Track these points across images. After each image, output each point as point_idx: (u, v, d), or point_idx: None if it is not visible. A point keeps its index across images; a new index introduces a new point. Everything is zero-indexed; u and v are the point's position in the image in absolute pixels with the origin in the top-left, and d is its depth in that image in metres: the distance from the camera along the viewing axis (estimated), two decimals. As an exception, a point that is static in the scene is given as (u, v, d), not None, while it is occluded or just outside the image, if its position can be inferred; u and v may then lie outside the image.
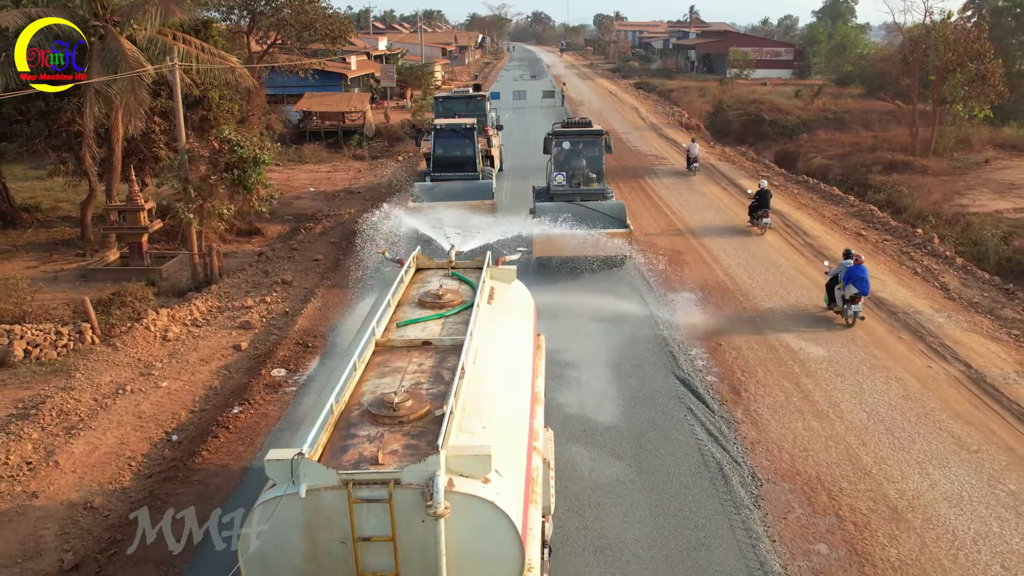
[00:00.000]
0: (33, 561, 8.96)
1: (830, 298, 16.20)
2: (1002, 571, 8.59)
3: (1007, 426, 11.76)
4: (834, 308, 16.09)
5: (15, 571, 8.75)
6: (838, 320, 15.90)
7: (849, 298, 15.51)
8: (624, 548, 8.75)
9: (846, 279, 15.53)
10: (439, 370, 7.19)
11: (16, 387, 13.15)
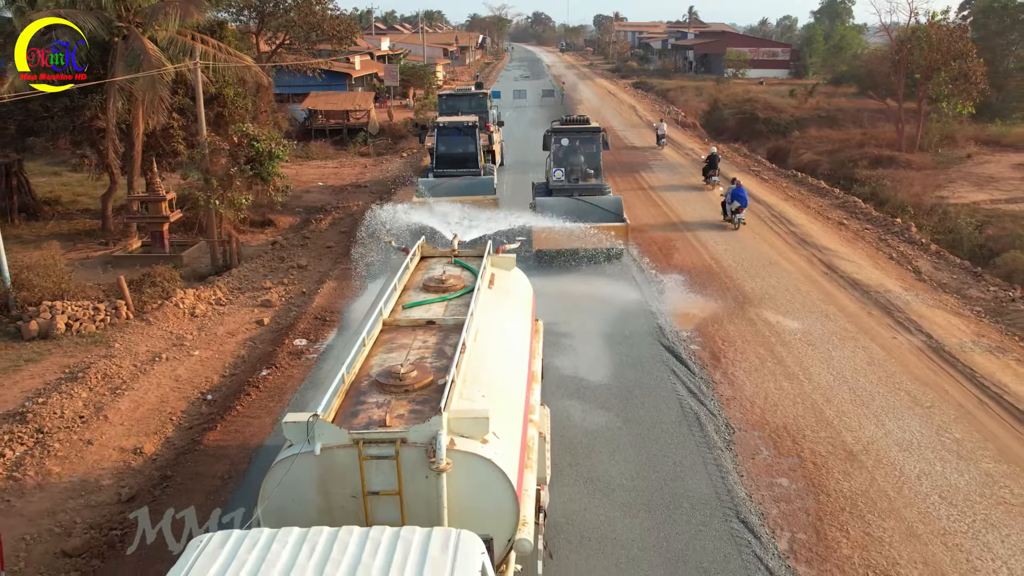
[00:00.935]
0: (95, 494, 10.25)
1: (724, 213, 23.16)
2: (939, 500, 9.88)
3: (959, 386, 13.05)
4: (726, 219, 22.98)
5: (80, 501, 10.04)
6: (729, 227, 22.72)
7: (734, 210, 22.81)
8: (610, 479, 10.06)
9: (731, 197, 22.85)
10: (442, 346, 7.75)
11: (61, 355, 14.44)
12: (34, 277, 16.50)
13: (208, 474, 10.53)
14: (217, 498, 9.91)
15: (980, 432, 11.57)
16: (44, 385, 13.12)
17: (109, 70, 22.41)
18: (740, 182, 23.65)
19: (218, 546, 5.05)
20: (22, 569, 8.74)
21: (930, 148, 35.30)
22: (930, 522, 9.43)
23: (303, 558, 4.89)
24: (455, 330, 7.96)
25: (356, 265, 20.03)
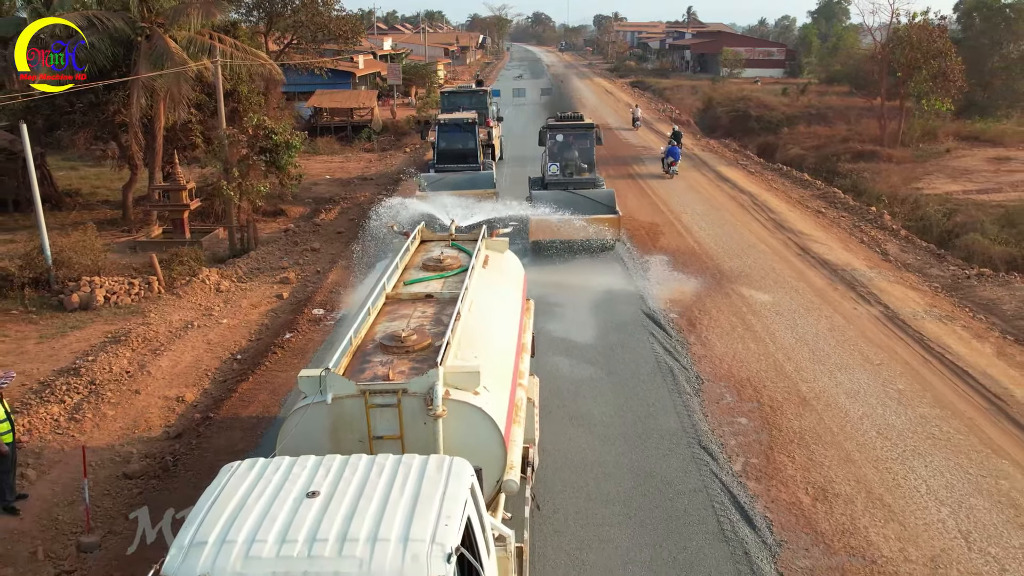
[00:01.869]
0: (145, 432, 11.84)
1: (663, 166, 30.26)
2: (876, 435, 11.45)
3: (907, 348, 14.63)
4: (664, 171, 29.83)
5: (134, 437, 11.63)
6: (666, 178, 29.34)
7: (669, 163, 30.21)
8: (592, 417, 11.66)
9: (667, 153, 30.49)
10: (439, 316, 8.51)
11: (102, 323, 16.02)
12: (73, 255, 18.07)
13: (243, 415, 12.14)
14: (253, 433, 11.51)
15: (921, 384, 13.14)
16: (90, 347, 14.70)
17: (132, 68, 23.96)
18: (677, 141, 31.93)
19: (247, 469, 5.76)
20: (92, 486, 10.30)
21: (911, 143, 36.84)
22: (866, 451, 11.01)
23: (320, 476, 5.60)
24: (451, 303, 8.66)
25: (365, 247, 21.60)
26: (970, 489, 10.13)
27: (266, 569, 4.95)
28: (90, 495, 9.84)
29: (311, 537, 5.08)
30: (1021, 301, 16.86)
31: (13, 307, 16.95)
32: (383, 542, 5.03)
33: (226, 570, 4.96)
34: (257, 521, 5.23)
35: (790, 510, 9.61)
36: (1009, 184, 28.32)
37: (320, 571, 4.91)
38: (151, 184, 26.00)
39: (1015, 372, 13.56)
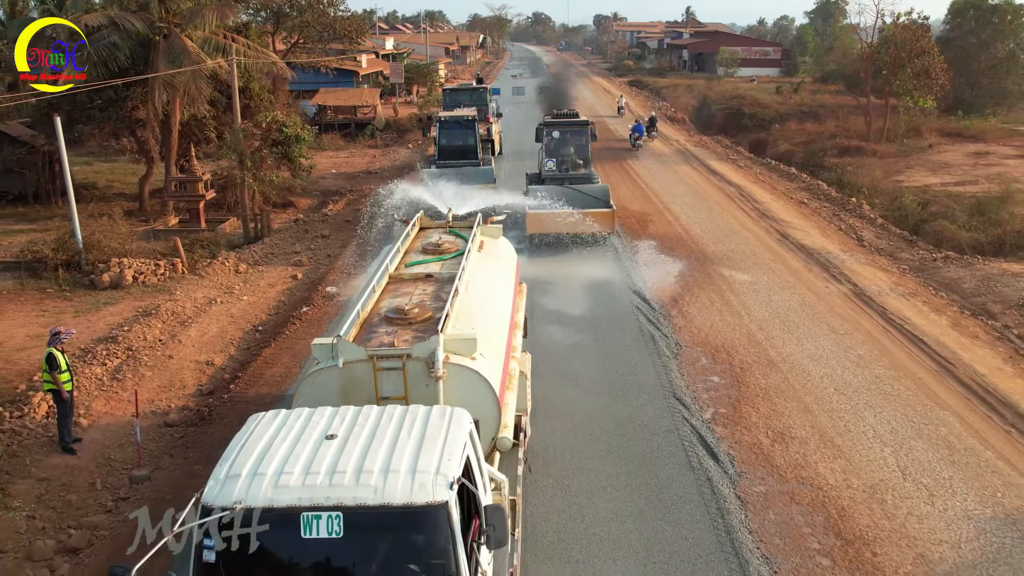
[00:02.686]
0: (179, 390, 13.22)
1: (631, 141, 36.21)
2: (834, 391, 12.83)
3: (871, 320, 16.01)
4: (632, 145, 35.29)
5: (171, 393, 13.01)
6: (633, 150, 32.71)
7: (634, 138, 36.32)
8: (579, 375, 13.07)
9: (632, 130, 36.96)
10: (439, 293, 9.18)
11: (133, 300, 17.41)
12: (103, 239, 19.47)
13: (267, 374, 13.54)
14: (278, 389, 12.90)
15: (879, 350, 14.52)
16: (124, 320, 16.08)
17: (151, 66, 25.34)
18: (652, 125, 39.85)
19: (272, 418, 6.42)
20: (134, 435, 11.67)
21: (896, 139, 38.20)
22: (823, 404, 12.39)
23: (336, 422, 6.24)
24: (449, 282, 9.30)
25: (372, 235, 22.95)
26: (912, 434, 11.50)
27: (293, 496, 5.55)
28: (132, 442, 11.22)
29: (332, 470, 5.70)
30: (981, 280, 18.23)
31: (49, 286, 18.36)
32: (394, 473, 5.67)
33: (258, 497, 5.56)
34: (283, 458, 5.86)
35: (751, 449, 10.99)
36: (985, 177, 29.63)
37: (341, 496, 5.52)
38: (167, 176, 27.39)
39: (965, 340, 14.95)
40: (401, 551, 5.70)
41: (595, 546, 8.85)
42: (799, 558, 8.76)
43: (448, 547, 5.54)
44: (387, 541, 5.66)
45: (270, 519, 5.46)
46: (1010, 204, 23.43)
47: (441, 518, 5.56)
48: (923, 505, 9.78)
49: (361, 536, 5.57)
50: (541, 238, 20.83)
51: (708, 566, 8.56)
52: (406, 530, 5.65)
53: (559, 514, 9.38)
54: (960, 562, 8.76)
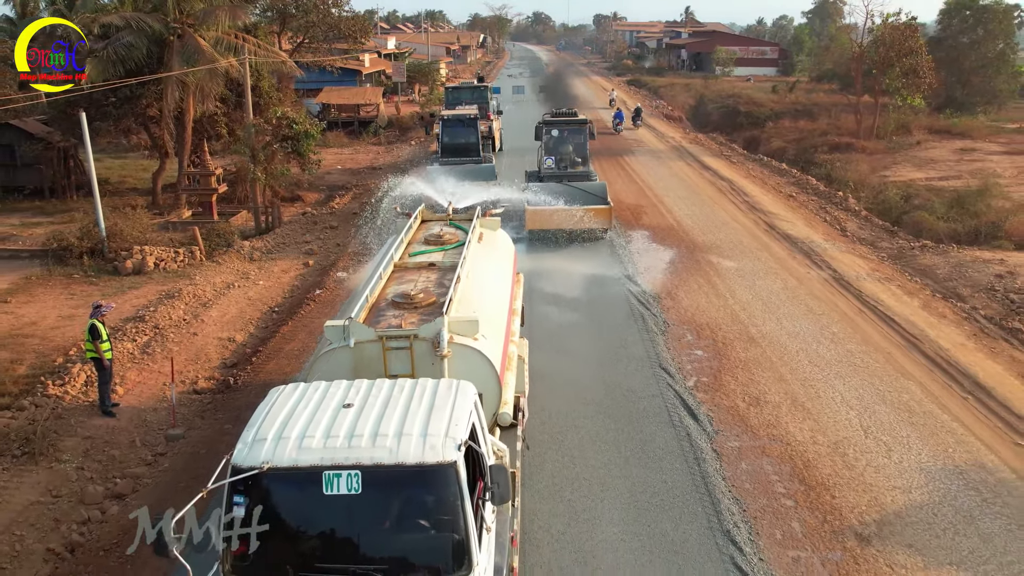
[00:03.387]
0: (205, 363, 14.33)
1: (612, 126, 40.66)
2: (808, 363, 13.94)
3: (847, 302, 17.13)
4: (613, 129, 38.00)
5: (197, 366, 14.12)
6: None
7: (615, 124, 41.91)
8: (572, 347, 14.23)
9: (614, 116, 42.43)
10: (441, 280, 9.67)
11: (155, 284, 18.52)
12: (125, 227, 20.58)
13: (286, 348, 14.67)
14: (296, 361, 14.00)
15: (853, 328, 15.63)
16: (149, 302, 17.19)
17: (165, 65, 26.43)
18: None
19: (292, 390, 6.87)
20: (168, 402, 12.78)
21: (885, 136, 39.31)
22: (796, 374, 13.51)
23: (352, 393, 6.71)
24: (452, 270, 9.77)
25: (378, 226, 24.05)
26: (876, 399, 12.62)
27: (315, 456, 6.00)
28: (163, 408, 12.34)
29: (350, 433, 6.18)
30: (954, 266, 19.34)
31: (75, 272, 19.48)
32: (407, 436, 6.14)
33: (284, 457, 6.02)
34: (305, 424, 6.32)
35: (728, 411, 12.12)
36: (968, 172, 30.73)
37: (359, 457, 5.97)
38: (181, 170, 28.48)
39: (933, 319, 16.07)
40: (413, 506, 6.20)
41: (585, 488, 9.98)
42: (766, 500, 9.88)
43: (456, 503, 6.02)
44: (401, 497, 6.16)
45: (295, 477, 6.00)
46: (987, 197, 24.52)
47: (450, 476, 6.04)
48: (881, 458, 10.90)
49: (377, 492, 6.05)
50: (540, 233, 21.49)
51: (684, 504, 9.68)
52: (418, 487, 6.14)
53: (553, 463, 10.50)
54: (909, 504, 9.87)
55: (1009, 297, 17.05)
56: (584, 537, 9.06)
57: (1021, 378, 13.43)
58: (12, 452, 11.02)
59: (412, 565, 6.05)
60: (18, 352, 14.67)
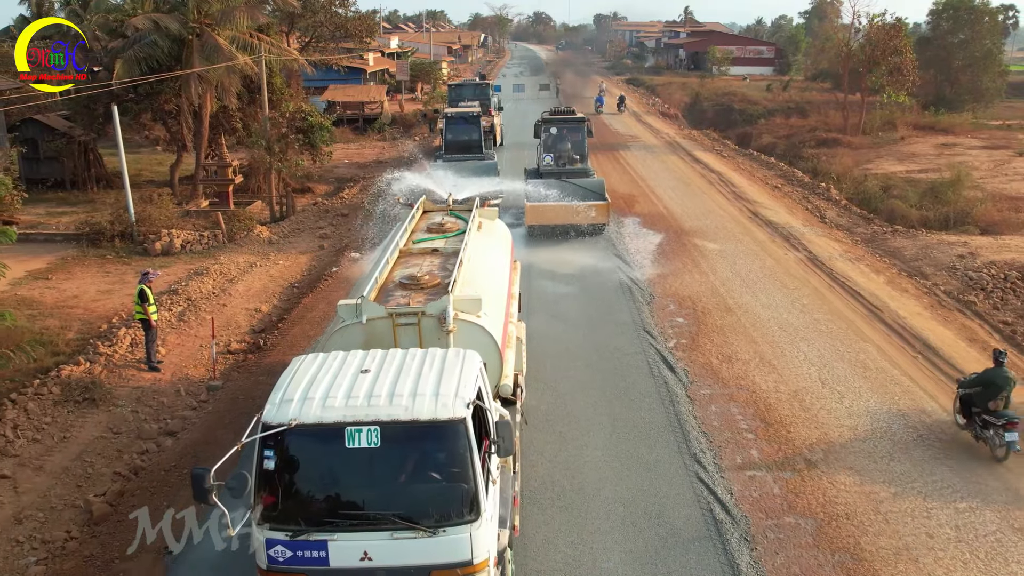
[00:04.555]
0: (235, 329, 15.92)
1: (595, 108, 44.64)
2: (778, 329, 15.52)
3: (818, 278, 18.72)
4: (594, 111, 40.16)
5: (229, 331, 15.70)
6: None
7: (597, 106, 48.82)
8: (566, 315, 15.84)
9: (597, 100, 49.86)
10: (445, 264, 10.25)
11: (183, 264, 20.12)
12: (154, 212, 22.19)
13: (309, 315, 16.27)
14: (318, 327, 15.57)
15: (822, 301, 17.22)
16: (179, 278, 18.79)
17: (185, 62, 27.99)
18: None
19: (312, 359, 7.48)
20: (203, 361, 14.35)
21: (871, 131, 40.89)
22: (766, 337, 15.09)
23: (368, 360, 7.31)
24: (454, 255, 10.32)
25: (386, 214, 25.61)
26: (836, 358, 14.20)
27: (338, 414, 6.58)
28: (200, 365, 13.93)
29: (369, 394, 6.76)
30: (920, 248, 20.92)
31: (107, 253, 21.08)
32: (421, 396, 6.73)
33: (310, 415, 6.60)
34: (327, 386, 6.90)
35: (702, 366, 13.71)
36: (946, 165, 32.22)
37: (378, 414, 6.56)
38: (198, 162, 30.05)
39: (896, 293, 17.65)
40: (427, 459, 6.81)
41: (575, 423, 11.58)
42: (730, 433, 11.47)
43: (466, 455, 6.61)
44: (416, 450, 6.77)
45: (320, 433, 6.60)
46: (959, 187, 26.09)
47: (460, 431, 6.62)
48: (833, 403, 12.49)
49: (394, 446, 6.62)
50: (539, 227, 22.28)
51: (658, 436, 11.29)
52: (431, 441, 6.73)
53: (547, 404, 12.09)
54: (854, 438, 11.46)
55: (968, 275, 18.62)
56: (573, 459, 10.66)
57: (967, 341, 15.02)
58: (75, 398, 12.62)
59: (426, 511, 6.60)
60: (65, 320, 16.27)
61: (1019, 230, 22.41)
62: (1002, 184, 28.65)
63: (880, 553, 8.91)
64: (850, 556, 8.85)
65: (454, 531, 6.51)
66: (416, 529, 6.48)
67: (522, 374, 10.71)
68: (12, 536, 9.39)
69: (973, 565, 8.75)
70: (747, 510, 9.61)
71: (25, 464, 10.84)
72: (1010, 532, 9.31)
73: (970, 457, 10.92)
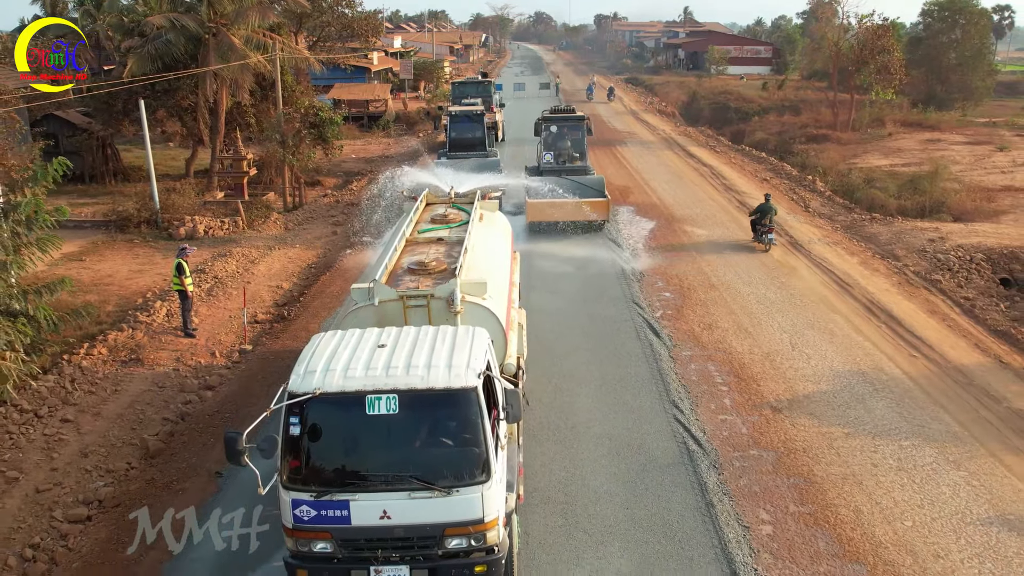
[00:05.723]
0: (260, 302, 17.40)
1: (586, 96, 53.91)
2: (756, 302, 16.99)
3: (799, 259, 20.19)
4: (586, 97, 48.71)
5: (254, 304, 17.16)
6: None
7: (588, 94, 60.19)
8: (563, 290, 17.34)
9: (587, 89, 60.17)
10: (450, 252, 10.77)
11: (207, 247, 21.58)
12: (177, 200, 23.68)
13: (327, 291, 17.76)
14: (337, 300, 17.03)
15: (799, 279, 18.68)
16: (204, 260, 20.25)
17: (200, 60, 29.45)
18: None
19: (332, 336, 7.91)
20: (233, 329, 15.81)
21: (860, 128, 42.36)
22: (743, 308, 16.56)
23: (384, 336, 7.75)
24: (458, 244, 10.88)
25: (394, 205, 27.05)
26: (806, 326, 15.67)
27: (359, 383, 7.03)
28: (231, 333, 15.39)
29: (387, 365, 7.22)
30: (895, 234, 22.38)
31: (135, 238, 22.57)
32: (435, 367, 7.20)
33: (332, 384, 7.04)
34: (348, 359, 7.37)
35: (685, 332, 15.19)
36: (928, 159, 33.74)
37: (395, 383, 7.02)
38: (214, 155, 31.52)
39: (867, 272, 19.12)
40: (441, 424, 7.29)
41: (568, 378, 13.08)
42: (707, 386, 12.95)
43: (477, 421, 7.09)
44: (431, 416, 7.24)
45: (342, 400, 7.06)
46: (937, 179, 27.57)
47: (471, 398, 7.09)
48: (801, 363, 13.96)
49: (411, 412, 7.07)
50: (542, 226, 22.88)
51: (643, 386, 12.78)
52: (445, 408, 7.20)
53: (545, 362, 13.55)
54: (816, 391, 12.93)
55: (936, 257, 20.08)
56: (567, 405, 12.15)
57: (928, 313, 16.50)
58: (121, 358, 14.10)
59: (441, 473, 7.06)
60: (103, 295, 17.74)
61: (989, 218, 23.88)
62: (980, 176, 30.11)
63: (830, 478, 10.37)
64: (804, 480, 10.32)
65: (467, 491, 7.00)
66: (432, 489, 6.97)
67: (523, 358, 11.07)
68: (81, 466, 10.86)
69: (909, 487, 10.21)
70: (717, 445, 11.08)
71: (84, 411, 12.32)
72: (945, 464, 10.77)
73: (917, 406, 12.38)
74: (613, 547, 8.86)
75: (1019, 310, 17.04)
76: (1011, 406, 12.38)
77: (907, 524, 9.42)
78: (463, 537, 7.06)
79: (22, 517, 9.73)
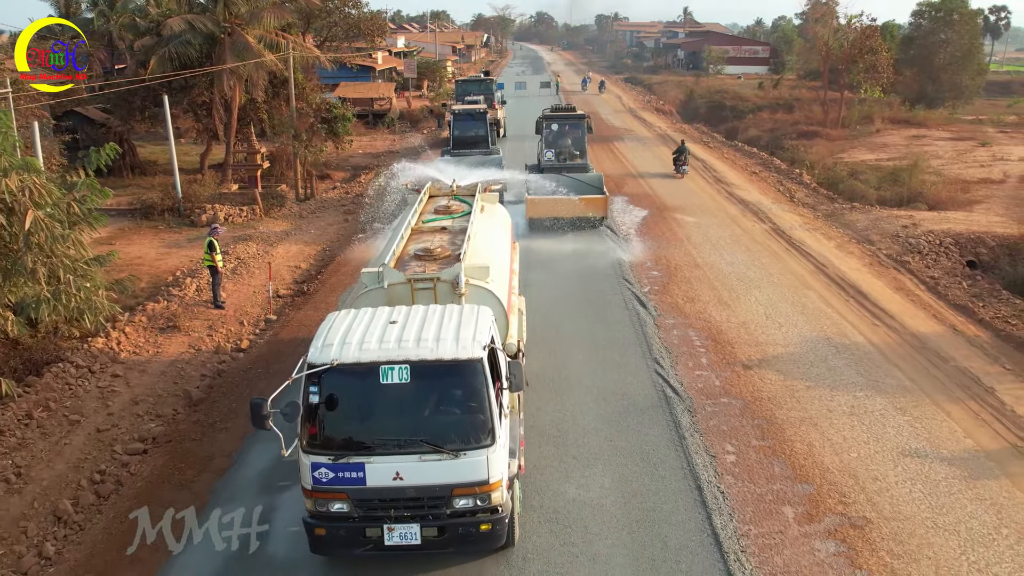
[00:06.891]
0: (281, 280, 18.92)
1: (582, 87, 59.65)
2: (736, 280, 18.49)
3: (778, 243, 21.69)
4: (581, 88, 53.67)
5: (276, 281, 18.68)
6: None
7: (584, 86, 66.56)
8: (559, 269, 18.86)
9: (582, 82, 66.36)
10: (454, 240, 11.25)
11: (228, 232, 23.01)
12: (198, 190, 25.23)
13: (343, 270, 19.30)
14: (352, 278, 18.51)
15: (777, 260, 20.19)
16: (226, 244, 21.72)
17: (216, 59, 30.95)
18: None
19: (346, 314, 8.41)
20: (256, 302, 17.31)
21: (850, 125, 43.84)
22: (726, 286, 18.06)
23: (395, 314, 8.25)
24: (461, 232, 11.32)
25: (400, 196, 28.59)
26: (781, 300, 17.18)
27: (373, 355, 7.58)
28: (256, 306, 16.92)
29: (399, 339, 7.79)
30: (872, 221, 23.89)
31: (159, 225, 24.12)
32: (443, 340, 7.74)
33: (348, 356, 7.58)
34: (362, 334, 7.90)
35: (669, 305, 16.70)
36: (912, 155, 35.21)
37: (407, 354, 7.58)
38: (229, 149, 33.04)
39: (842, 255, 20.63)
40: (450, 393, 7.86)
41: (563, 341, 14.61)
42: (686, 348, 14.46)
43: (482, 389, 7.64)
44: (440, 385, 7.82)
45: (358, 370, 7.62)
46: (916, 172, 29.06)
47: (477, 369, 7.65)
48: (773, 330, 15.47)
49: (421, 382, 7.62)
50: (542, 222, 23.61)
51: (628, 346, 14.32)
52: (453, 377, 7.74)
53: (541, 327, 15.04)
54: (784, 353, 14.43)
55: (908, 241, 21.59)
56: (560, 362, 13.69)
57: (894, 289, 18.01)
58: (159, 326, 15.63)
59: (449, 437, 7.61)
60: (136, 274, 19.18)
61: (963, 207, 25.40)
62: (959, 170, 31.61)
63: (789, 420, 11.88)
64: (766, 421, 11.83)
65: (473, 454, 7.56)
66: (441, 452, 7.52)
67: (523, 341, 11.42)
68: (133, 412, 12.39)
69: (859, 429, 11.71)
70: (692, 394, 12.60)
71: (131, 368, 13.85)
72: (893, 411, 12.27)
73: (874, 365, 13.88)
74: (597, 468, 10.38)
75: (980, 288, 18.54)
76: (958, 365, 13.88)
77: (852, 455, 10.93)
78: (470, 497, 7.67)
79: (87, 451, 11.26)
